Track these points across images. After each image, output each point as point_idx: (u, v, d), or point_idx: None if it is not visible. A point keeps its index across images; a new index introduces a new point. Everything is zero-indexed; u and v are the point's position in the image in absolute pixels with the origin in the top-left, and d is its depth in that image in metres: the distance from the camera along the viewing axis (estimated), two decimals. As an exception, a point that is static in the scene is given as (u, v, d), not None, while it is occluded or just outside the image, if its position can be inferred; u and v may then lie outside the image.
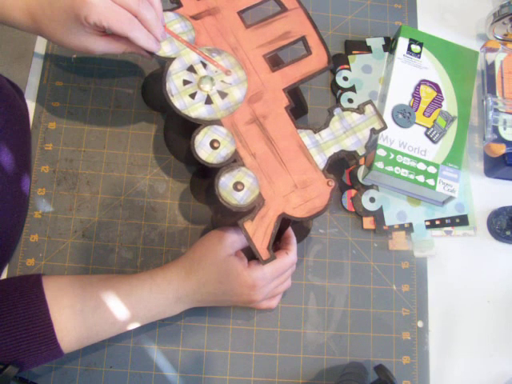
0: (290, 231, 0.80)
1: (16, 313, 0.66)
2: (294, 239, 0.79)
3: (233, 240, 0.75)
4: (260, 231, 0.68)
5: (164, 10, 0.75)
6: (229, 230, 0.76)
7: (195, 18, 0.76)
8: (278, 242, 0.80)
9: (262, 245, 0.68)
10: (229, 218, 0.79)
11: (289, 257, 0.76)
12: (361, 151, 0.73)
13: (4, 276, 0.83)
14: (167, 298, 0.74)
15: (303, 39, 0.78)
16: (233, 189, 0.68)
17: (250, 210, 0.69)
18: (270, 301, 0.81)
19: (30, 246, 0.85)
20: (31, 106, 0.91)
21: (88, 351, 0.81)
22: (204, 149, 0.69)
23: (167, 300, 0.74)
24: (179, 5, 0.77)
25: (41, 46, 0.94)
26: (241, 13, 0.78)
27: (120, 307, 0.71)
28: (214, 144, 0.69)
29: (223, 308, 0.85)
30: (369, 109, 0.75)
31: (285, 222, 0.73)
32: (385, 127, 0.75)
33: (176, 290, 0.74)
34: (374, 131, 0.74)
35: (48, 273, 0.83)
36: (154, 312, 0.74)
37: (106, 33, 0.73)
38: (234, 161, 0.70)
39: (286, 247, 0.78)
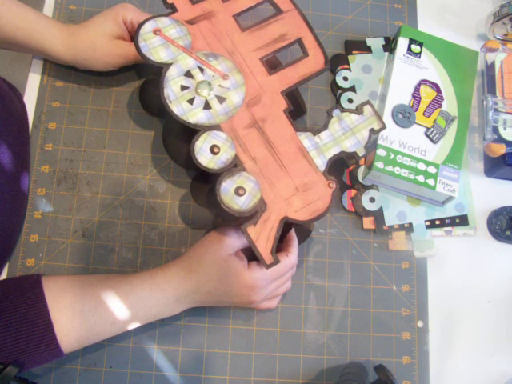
0: (292, 233, 0.80)
1: (16, 313, 0.66)
2: (295, 241, 0.79)
3: (233, 240, 0.75)
4: (263, 235, 0.68)
5: (159, 16, 0.75)
6: (228, 231, 0.76)
7: (191, 22, 0.76)
8: (279, 244, 0.80)
9: (265, 249, 0.68)
10: (230, 222, 0.79)
11: (289, 258, 0.77)
12: (360, 152, 0.73)
13: (4, 276, 0.83)
14: (167, 297, 0.74)
15: (299, 41, 0.78)
16: (234, 194, 0.68)
17: (252, 215, 0.69)
18: (269, 301, 0.81)
19: (30, 246, 0.85)
20: (31, 106, 0.91)
21: (88, 351, 0.81)
22: (204, 155, 0.68)
23: (167, 299, 0.74)
24: (174, 10, 0.76)
25: (41, 46, 0.94)
26: (236, 16, 0.78)
27: (120, 307, 0.71)
28: (214, 149, 0.69)
29: (223, 308, 0.85)
30: (367, 109, 0.75)
31: (287, 225, 0.73)
32: (384, 127, 0.75)
33: (176, 290, 0.74)
34: (373, 132, 0.74)
35: (48, 273, 0.84)
36: (153, 312, 0.74)
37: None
38: (234, 166, 0.70)
39: (286, 249, 0.78)
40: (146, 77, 0.94)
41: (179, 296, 0.75)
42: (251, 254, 0.72)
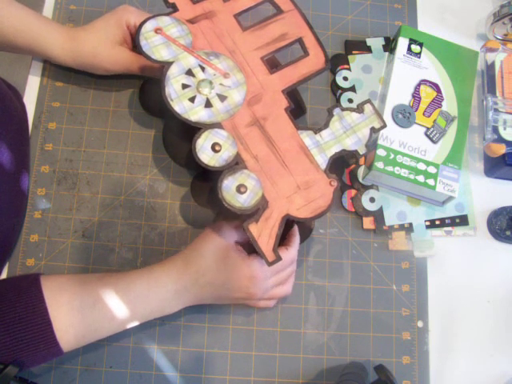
0: (294, 229, 0.80)
1: (15, 312, 0.66)
2: (295, 237, 0.79)
3: (229, 232, 0.76)
4: (265, 233, 0.68)
5: (160, 15, 0.75)
6: (224, 224, 0.77)
7: (192, 21, 0.76)
8: (281, 242, 0.79)
9: (267, 246, 0.68)
10: (232, 220, 0.79)
11: (288, 252, 0.77)
12: (361, 150, 0.73)
13: (4, 276, 0.83)
14: (166, 290, 0.74)
15: (300, 41, 0.78)
16: (236, 192, 0.68)
17: (254, 213, 0.69)
18: (267, 301, 0.81)
19: (30, 246, 0.85)
20: (31, 106, 0.91)
21: (88, 351, 0.81)
22: (206, 152, 0.68)
23: (166, 293, 0.74)
24: (175, 9, 0.76)
25: (41, 46, 0.94)
26: (237, 16, 0.78)
27: (118, 302, 0.71)
28: (215, 147, 0.69)
29: (223, 308, 0.85)
30: (368, 108, 0.75)
31: (288, 224, 0.73)
32: (384, 126, 0.75)
33: (175, 282, 0.74)
34: (373, 130, 0.74)
35: (48, 273, 0.83)
36: (152, 307, 0.74)
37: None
38: (236, 163, 0.70)
39: (286, 243, 0.78)
40: (145, 77, 0.94)
41: (178, 289, 0.74)
42: (251, 250, 0.72)
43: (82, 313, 0.70)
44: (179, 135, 0.85)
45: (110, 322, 0.72)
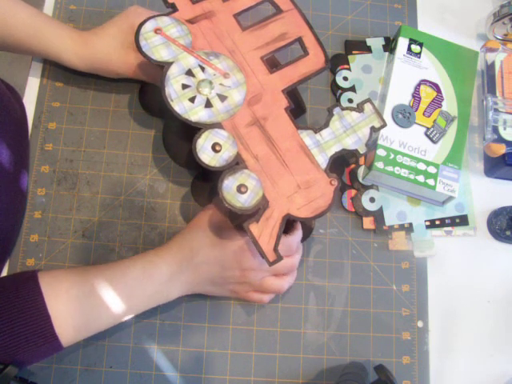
0: (297, 224, 0.80)
1: (12, 307, 0.66)
2: (296, 230, 0.78)
3: (210, 206, 0.78)
4: (266, 233, 0.68)
5: (159, 15, 0.75)
6: (213, 206, 0.78)
7: (191, 21, 0.76)
8: None
9: (268, 246, 0.68)
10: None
11: (286, 238, 0.76)
12: (362, 149, 0.73)
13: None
14: (161, 273, 0.74)
15: (300, 40, 0.78)
16: (236, 191, 0.68)
17: (255, 213, 0.69)
18: (261, 294, 0.81)
19: (30, 246, 0.85)
20: (31, 106, 0.91)
21: (88, 351, 0.81)
22: (206, 152, 0.68)
23: (161, 276, 0.74)
24: (175, 9, 0.76)
25: (41, 46, 0.94)
26: (236, 15, 0.78)
27: (114, 288, 0.71)
28: (215, 147, 0.69)
29: (223, 308, 0.85)
30: (368, 107, 0.75)
31: (289, 223, 0.73)
32: (384, 125, 0.74)
33: (170, 264, 0.75)
34: (373, 129, 0.74)
35: (48, 273, 0.84)
36: (149, 292, 0.74)
37: None
38: (236, 163, 0.70)
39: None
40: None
41: (174, 270, 0.75)
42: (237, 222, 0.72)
43: (80, 302, 0.70)
44: (179, 135, 0.85)
45: (108, 310, 0.72)
